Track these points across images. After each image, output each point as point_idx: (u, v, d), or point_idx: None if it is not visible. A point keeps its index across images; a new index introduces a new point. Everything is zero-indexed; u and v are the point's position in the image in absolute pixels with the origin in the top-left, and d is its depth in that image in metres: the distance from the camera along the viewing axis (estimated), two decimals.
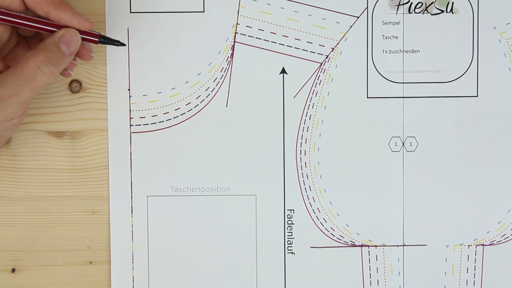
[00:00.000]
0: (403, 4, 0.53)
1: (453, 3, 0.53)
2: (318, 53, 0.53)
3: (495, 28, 0.53)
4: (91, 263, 0.54)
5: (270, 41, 0.53)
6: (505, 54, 0.54)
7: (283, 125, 0.54)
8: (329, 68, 0.53)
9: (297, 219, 0.54)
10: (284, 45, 0.53)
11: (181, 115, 0.53)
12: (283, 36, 0.53)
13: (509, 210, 0.54)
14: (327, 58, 0.53)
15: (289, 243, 0.54)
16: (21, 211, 0.53)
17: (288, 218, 0.54)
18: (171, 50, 0.53)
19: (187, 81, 0.53)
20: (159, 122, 0.53)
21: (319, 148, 0.54)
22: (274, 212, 0.54)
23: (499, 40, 0.54)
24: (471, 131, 0.54)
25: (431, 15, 0.53)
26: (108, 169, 0.53)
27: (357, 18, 0.53)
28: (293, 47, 0.53)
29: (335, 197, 0.54)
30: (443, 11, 0.53)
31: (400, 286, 0.55)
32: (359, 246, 0.54)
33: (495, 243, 0.55)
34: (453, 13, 0.53)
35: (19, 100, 0.46)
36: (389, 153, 0.54)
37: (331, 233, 0.54)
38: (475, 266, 0.55)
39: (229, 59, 0.53)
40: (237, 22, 0.53)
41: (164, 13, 0.53)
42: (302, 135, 0.54)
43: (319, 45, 0.53)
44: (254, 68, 0.53)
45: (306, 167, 0.54)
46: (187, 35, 0.53)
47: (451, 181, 0.54)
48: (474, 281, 0.55)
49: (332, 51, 0.53)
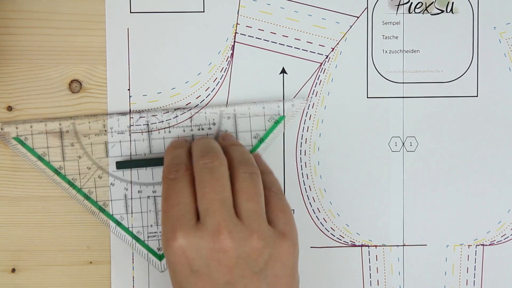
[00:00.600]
0: (403, 4, 0.53)
1: (453, 3, 0.53)
2: (318, 53, 0.53)
3: (495, 28, 0.53)
4: (91, 263, 0.54)
5: (270, 41, 0.53)
6: (505, 54, 0.54)
7: (283, 125, 0.54)
8: (329, 68, 0.53)
9: (297, 219, 0.54)
10: (284, 45, 0.53)
11: (181, 115, 0.53)
12: (283, 36, 0.53)
13: (509, 210, 0.54)
14: (327, 58, 0.53)
15: None
16: (21, 211, 0.53)
17: None
18: (171, 50, 0.53)
19: (187, 81, 0.53)
20: (159, 122, 0.53)
21: (319, 148, 0.54)
22: None
23: (499, 40, 0.54)
24: (471, 131, 0.54)
25: (431, 15, 0.53)
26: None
27: (357, 18, 0.53)
28: (293, 47, 0.53)
29: (335, 197, 0.54)
30: (443, 11, 0.53)
31: (400, 286, 0.55)
32: (359, 246, 0.54)
33: (495, 243, 0.55)
34: (453, 13, 0.53)
35: None
36: (389, 153, 0.54)
37: (331, 233, 0.54)
38: (475, 266, 0.55)
39: (229, 59, 0.53)
40: (237, 22, 0.53)
41: (164, 13, 0.53)
42: (302, 135, 0.54)
43: (319, 45, 0.53)
44: (254, 68, 0.53)
45: (306, 167, 0.54)
46: (187, 35, 0.53)
47: (451, 181, 0.54)
48: (474, 281, 0.55)
49: (332, 51, 0.53)
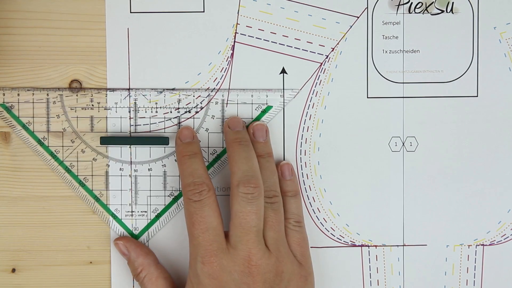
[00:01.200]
0: (403, 4, 0.53)
1: (453, 3, 0.53)
2: (318, 53, 0.53)
3: (495, 28, 0.53)
4: (91, 263, 0.54)
5: (270, 41, 0.53)
6: (505, 54, 0.54)
7: (283, 125, 0.54)
8: (329, 68, 0.53)
9: None
10: (284, 45, 0.53)
11: (185, 113, 0.53)
12: (283, 36, 0.53)
13: (509, 210, 0.54)
14: (327, 58, 0.53)
15: None
16: (21, 211, 0.53)
17: None
18: (171, 50, 0.53)
19: (187, 81, 0.53)
20: (159, 122, 0.53)
21: (319, 148, 0.54)
22: None
23: (499, 40, 0.54)
24: (471, 131, 0.54)
25: (431, 15, 0.53)
26: (112, 166, 0.53)
27: (357, 18, 0.53)
28: (293, 47, 0.53)
29: (335, 197, 0.54)
30: (443, 11, 0.53)
31: (400, 286, 0.55)
32: (359, 246, 0.54)
33: (495, 243, 0.55)
34: (453, 13, 0.53)
35: None
36: (389, 153, 0.54)
37: (331, 233, 0.54)
38: (475, 266, 0.55)
39: (229, 59, 0.53)
40: (237, 22, 0.53)
41: (164, 13, 0.53)
42: (302, 135, 0.54)
43: (319, 45, 0.53)
44: (254, 68, 0.53)
45: (306, 167, 0.54)
46: (187, 35, 0.53)
47: (451, 181, 0.54)
48: (474, 281, 0.55)
49: (332, 51, 0.53)
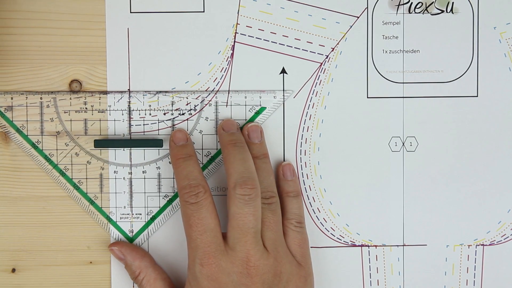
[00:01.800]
0: (403, 4, 0.53)
1: (453, 3, 0.53)
2: (318, 53, 0.53)
3: (495, 28, 0.53)
4: (91, 263, 0.54)
5: (270, 41, 0.53)
6: (505, 54, 0.54)
7: (283, 125, 0.54)
8: (329, 68, 0.53)
9: None
10: (284, 45, 0.53)
11: (180, 115, 0.53)
12: (283, 36, 0.53)
13: (509, 210, 0.54)
14: (327, 58, 0.53)
15: None
16: (21, 211, 0.53)
17: None
18: (171, 50, 0.53)
19: (187, 81, 0.53)
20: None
21: (319, 148, 0.54)
22: None
23: (499, 40, 0.54)
24: (471, 131, 0.54)
25: (431, 15, 0.53)
26: (107, 169, 0.53)
27: (357, 18, 0.53)
28: (293, 47, 0.53)
29: (335, 197, 0.54)
30: (443, 11, 0.53)
31: (400, 286, 0.55)
32: (359, 246, 0.54)
33: (495, 243, 0.55)
34: (453, 13, 0.53)
35: None
36: (389, 153, 0.54)
37: (331, 233, 0.54)
38: (475, 266, 0.55)
39: (229, 59, 0.53)
40: (237, 22, 0.53)
41: (164, 13, 0.53)
42: (302, 135, 0.54)
43: (319, 45, 0.53)
44: (254, 68, 0.53)
45: (306, 167, 0.54)
46: (187, 35, 0.53)
47: (451, 181, 0.54)
48: (474, 281, 0.55)
49: (332, 51, 0.53)
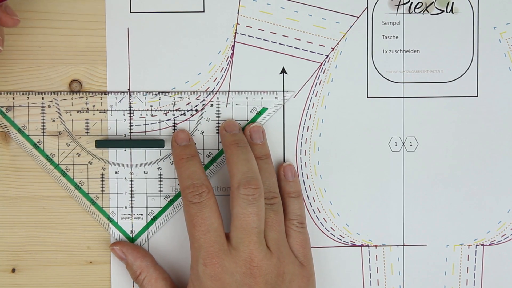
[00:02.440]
0: (403, 4, 0.53)
1: (453, 3, 0.53)
2: (318, 53, 0.53)
3: (495, 28, 0.53)
4: (91, 263, 0.54)
5: (270, 41, 0.53)
6: (505, 54, 0.54)
7: (283, 125, 0.54)
8: (329, 68, 0.53)
9: None
10: (284, 45, 0.53)
11: (180, 115, 0.53)
12: (283, 36, 0.53)
13: (509, 210, 0.54)
14: (327, 58, 0.53)
15: None
16: (21, 211, 0.53)
17: None
18: (171, 50, 0.53)
19: (187, 81, 0.53)
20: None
21: (319, 148, 0.54)
22: None
23: (499, 40, 0.54)
24: (471, 131, 0.54)
25: (431, 15, 0.53)
26: (108, 169, 0.53)
27: (357, 18, 0.53)
28: (293, 47, 0.53)
29: (335, 197, 0.54)
30: (443, 11, 0.53)
31: (400, 286, 0.55)
32: (359, 246, 0.54)
33: (495, 243, 0.55)
34: (453, 13, 0.53)
35: None
36: (389, 153, 0.54)
37: (331, 233, 0.54)
38: (475, 266, 0.55)
39: (229, 59, 0.53)
40: (237, 22, 0.53)
41: (164, 13, 0.53)
42: (302, 135, 0.54)
43: (319, 45, 0.53)
44: (254, 68, 0.53)
45: (306, 167, 0.54)
46: (187, 35, 0.53)
47: (451, 181, 0.54)
48: (474, 281, 0.55)
49: (332, 51, 0.53)
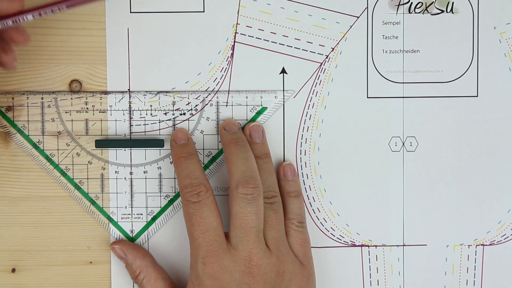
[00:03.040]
0: (403, 4, 0.53)
1: (453, 3, 0.53)
2: (318, 53, 0.53)
3: (495, 28, 0.53)
4: (91, 263, 0.54)
5: (270, 41, 0.53)
6: (505, 54, 0.54)
7: (283, 125, 0.54)
8: (329, 68, 0.53)
9: None
10: (284, 45, 0.53)
11: (180, 115, 0.53)
12: (283, 36, 0.53)
13: (509, 210, 0.54)
14: (327, 58, 0.53)
15: None
16: (21, 211, 0.53)
17: None
18: (171, 50, 0.53)
19: (187, 81, 0.53)
20: (154, 124, 0.53)
21: (319, 148, 0.54)
22: None
23: (499, 40, 0.54)
24: (471, 131, 0.54)
25: (431, 15, 0.53)
26: (108, 169, 0.53)
27: (357, 18, 0.53)
28: (293, 47, 0.53)
29: (335, 197, 0.54)
30: (443, 11, 0.53)
31: (400, 286, 0.55)
32: (359, 246, 0.54)
33: (495, 243, 0.55)
34: (453, 13, 0.53)
35: None
36: (389, 153, 0.54)
37: (331, 233, 0.54)
38: (475, 266, 0.55)
39: (229, 59, 0.53)
40: (237, 22, 0.53)
41: (164, 13, 0.53)
42: (302, 135, 0.54)
43: (319, 45, 0.53)
44: (254, 68, 0.53)
45: (306, 167, 0.54)
46: (187, 35, 0.53)
47: (451, 181, 0.54)
48: (474, 281, 0.55)
49: (332, 51, 0.53)
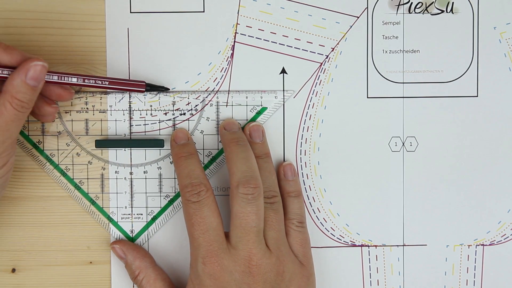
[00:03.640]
0: (403, 4, 0.53)
1: (453, 3, 0.53)
2: (318, 53, 0.53)
3: (495, 28, 0.53)
4: (91, 263, 0.54)
5: (270, 41, 0.53)
6: (505, 54, 0.54)
7: (283, 125, 0.54)
8: (329, 68, 0.53)
9: None
10: (284, 45, 0.53)
11: (180, 115, 0.53)
12: (283, 36, 0.53)
13: (509, 210, 0.54)
14: (327, 58, 0.53)
15: None
16: (21, 211, 0.53)
17: None
18: (171, 50, 0.53)
19: (187, 81, 0.53)
20: (154, 124, 0.53)
21: (319, 148, 0.54)
22: None
23: (499, 40, 0.54)
24: (471, 131, 0.54)
25: (431, 15, 0.53)
26: (108, 169, 0.53)
27: (357, 18, 0.53)
28: (293, 47, 0.53)
29: (335, 197, 0.54)
30: (443, 11, 0.53)
31: (400, 286, 0.55)
32: (359, 246, 0.54)
33: (495, 243, 0.55)
34: (453, 13, 0.53)
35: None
36: (389, 153, 0.54)
37: (331, 233, 0.54)
38: (475, 266, 0.55)
39: (229, 59, 0.53)
40: (237, 22, 0.53)
41: (164, 13, 0.53)
42: (302, 135, 0.54)
43: (319, 45, 0.53)
44: (254, 68, 0.53)
45: (306, 167, 0.54)
46: (187, 35, 0.53)
47: (451, 181, 0.54)
48: (474, 281, 0.55)
49: (332, 51, 0.53)
